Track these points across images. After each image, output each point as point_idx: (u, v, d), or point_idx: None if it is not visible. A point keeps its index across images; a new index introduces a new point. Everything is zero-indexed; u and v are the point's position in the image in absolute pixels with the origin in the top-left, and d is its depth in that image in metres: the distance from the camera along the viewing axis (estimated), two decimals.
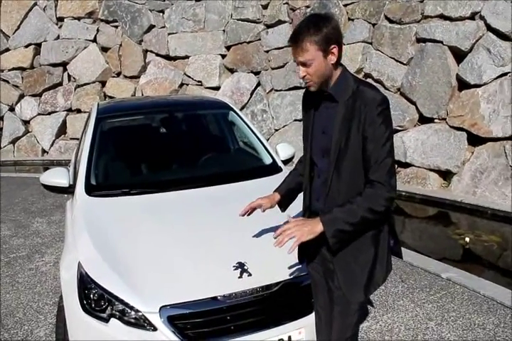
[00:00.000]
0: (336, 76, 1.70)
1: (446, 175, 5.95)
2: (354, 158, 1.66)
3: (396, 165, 5.92)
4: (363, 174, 1.67)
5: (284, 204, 2.12)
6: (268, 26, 7.91)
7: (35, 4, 9.71)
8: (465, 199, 5.37)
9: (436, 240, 4.80)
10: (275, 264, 2.11)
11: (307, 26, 1.62)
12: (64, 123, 9.61)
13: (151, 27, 9.01)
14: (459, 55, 5.92)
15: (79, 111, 9.51)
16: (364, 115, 1.62)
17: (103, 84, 9.51)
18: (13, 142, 9.84)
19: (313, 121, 1.81)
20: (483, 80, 5.63)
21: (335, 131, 1.68)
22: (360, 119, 1.62)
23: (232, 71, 8.41)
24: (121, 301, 1.97)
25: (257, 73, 8.15)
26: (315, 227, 1.63)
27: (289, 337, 2.03)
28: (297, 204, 2.04)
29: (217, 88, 8.46)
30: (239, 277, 2.03)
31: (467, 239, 4.48)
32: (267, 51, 7.93)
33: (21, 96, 9.88)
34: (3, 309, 3.25)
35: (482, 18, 5.71)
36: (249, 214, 2.13)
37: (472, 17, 5.83)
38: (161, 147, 3.40)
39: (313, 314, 2.01)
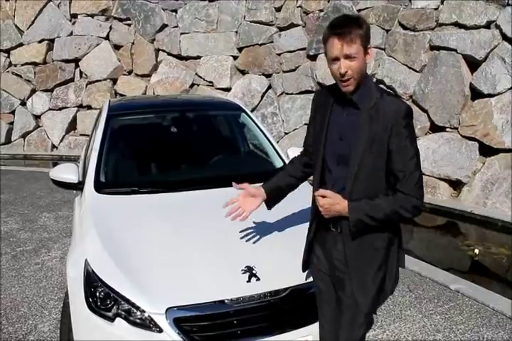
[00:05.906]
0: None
1: (456, 185, 5.89)
2: (374, 168, 1.63)
3: None
4: (382, 183, 1.65)
5: (271, 203, 2.06)
6: (281, 29, 7.89)
7: (49, 0, 9.75)
8: (475, 210, 5.29)
9: (445, 251, 4.73)
10: (284, 269, 2.08)
11: (350, 20, 1.55)
12: (74, 119, 9.63)
13: (164, 26, 9.02)
14: (473, 64, 5.87)
15: (89, 107, 9.53)
16: (390, 126, 1.57)
17: (114, 81, 9.53)
18: (24, 136, 9.88)
19: (327, 125, 1.73)
20: (497, 90, 5.57)
21: (357, 141, 1.63)
22: (385, 130, 1.58)
23: (243, 73, 8.39)
24: (128, 301, 1.94)
25: (268, 76, 8.13)
26: (342, 211, 1.66)
27: None
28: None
29: (228, 89, 8.44)
30: (247, 281, 1.99)
31: (476, 251, 4.41)
32: (279, 54, 7.91)
33: (33, 91, 9.92)
34: (8, 303, 3.24)
35: (498, 27, 5.66)
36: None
37: (488, 26, 5.78)
38: (171, 147, 3.37)
39: None
